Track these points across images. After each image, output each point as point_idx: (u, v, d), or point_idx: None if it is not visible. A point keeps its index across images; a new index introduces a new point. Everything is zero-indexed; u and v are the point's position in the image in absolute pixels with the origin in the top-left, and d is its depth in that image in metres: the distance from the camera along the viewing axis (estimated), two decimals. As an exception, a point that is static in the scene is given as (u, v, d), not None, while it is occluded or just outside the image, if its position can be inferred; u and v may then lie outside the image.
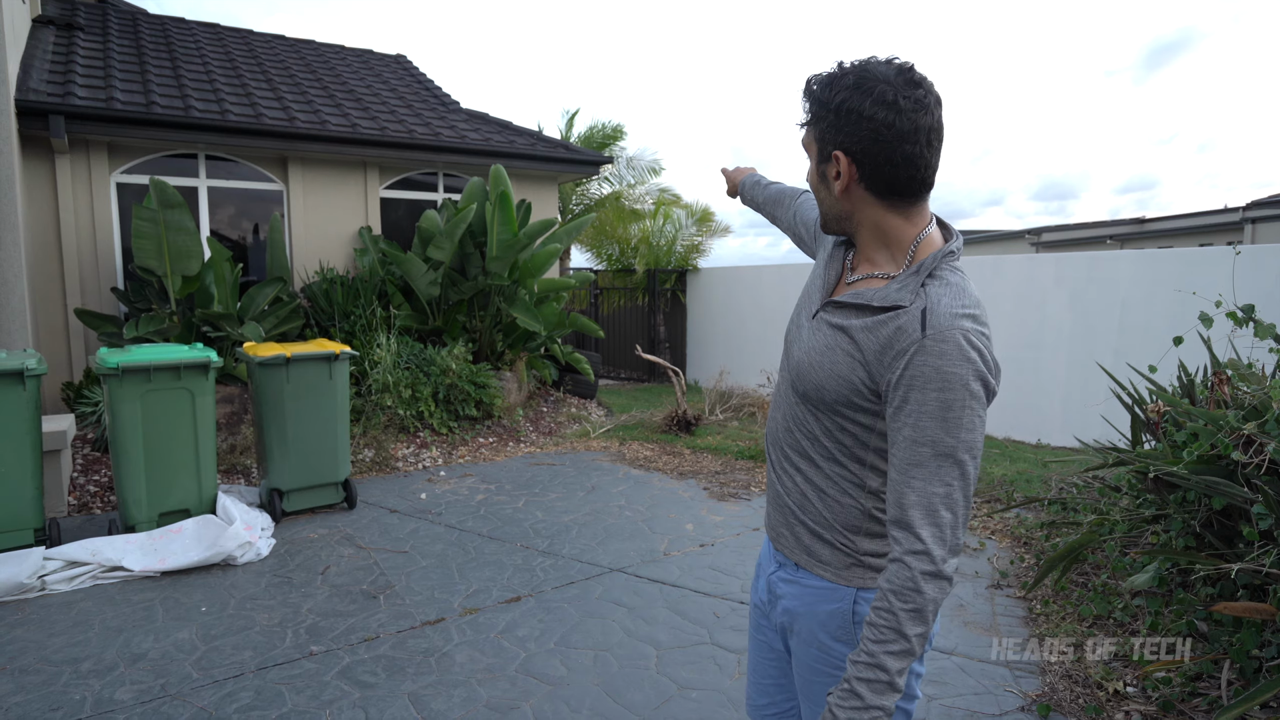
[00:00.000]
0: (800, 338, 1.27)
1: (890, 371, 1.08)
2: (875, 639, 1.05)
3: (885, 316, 1.11)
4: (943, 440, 1.03)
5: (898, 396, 1.07)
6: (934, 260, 1.13)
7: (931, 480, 1.04)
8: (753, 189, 1.85)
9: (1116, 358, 6.08)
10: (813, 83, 1.18)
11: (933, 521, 1.04)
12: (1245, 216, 19.26)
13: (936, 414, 1.03)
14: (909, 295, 1.10)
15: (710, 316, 11.34)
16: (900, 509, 1.06)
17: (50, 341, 6.36)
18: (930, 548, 1.03)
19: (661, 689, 2.77)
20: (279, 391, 4.47)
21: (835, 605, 1.23)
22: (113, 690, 2.69)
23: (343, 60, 10.22)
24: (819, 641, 1.25)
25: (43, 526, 3.86)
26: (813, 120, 1.18)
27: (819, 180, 1.22)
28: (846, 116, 1.11)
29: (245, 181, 7.37)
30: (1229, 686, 2.45)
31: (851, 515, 1.21)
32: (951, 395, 1.03)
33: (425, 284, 7.10)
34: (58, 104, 5.89)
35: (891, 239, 1.18)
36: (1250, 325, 3.10)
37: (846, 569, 1.22)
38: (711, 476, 5.70)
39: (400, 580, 3.70)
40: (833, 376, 1.16)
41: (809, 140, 1.22)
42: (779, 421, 1.32)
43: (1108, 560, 3.48)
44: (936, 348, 1.04)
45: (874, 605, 1.07)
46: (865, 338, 1.12)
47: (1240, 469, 2.60)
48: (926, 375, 1.04)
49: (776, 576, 1.34)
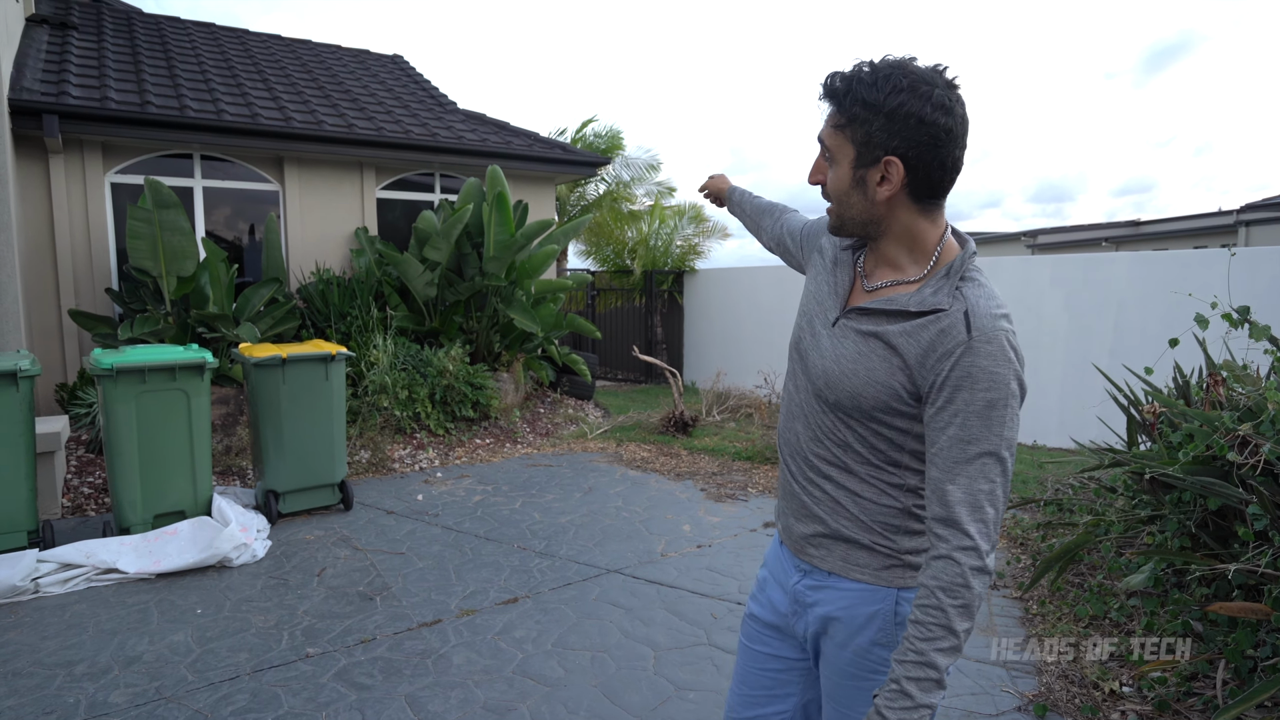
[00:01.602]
0: (820, 347, 1.24)
1: (934, 374, 1.09)
2: (924, 637, 1.06)
3: (925, 320, 1.11)
4: (987, 438, 1.06)
5: (942, 397, 1.08)
6: (962, 263, 1.14)
7: (977, 478, 1.07)
8: (743, 199, 1.84)
9: (1112, 359, 6.09)
10: (852, 80, 1.12)
11: (979, 517, 1.07)
12: (1240, 219, 19.33)
13: (982, 413, 1.06)
14: (946, 298, 1.11)
15: (707, 318, 11.34)
16: (945, 506, 1.08)
17: (44, 342, 6.33)
18: (978, 543, 1.06)
19: (659, 690, 2.77)
20: (275, 393, 4.46)
21: (876, 607, 1.22)
22: (107, 693, 2.68)
23: (339, 60, 10.20)
24: (856, 645, 1.23)
25: (36, 529, 3.84)
26: (853, 121, 1.12)
27: (851, 184, 1.16)
28: (904, 120, 1.08)
29: (241, 182, 7.35)
30: (1224, 686, 2.45)
31: (891, 515, 1.21)
32: (995, 394, 1.06)
33: (422, 285, 7.09)
34: (52, 103, 5.86)
35: (918, 242, 1.17)
36: (1245, 327, 3.11)
37: (885, 570, 1.22)
38: (709, 478, 5.70)
39: (397, 582, 3.69)
40: (870, 383, 1.15)
41: (840, 142, 1.16)
42: (800, 433, 1.29)
43: (1104, 561, 3.48)
44: (983, 348, 1.06)
45: (919, 603, 1.08)
46: (905, 342, 1.12)
47: (1235, 470, 2.61)
48: (973, 375, 1.06)
49: (803, 585, 1.30)
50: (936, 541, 1.09)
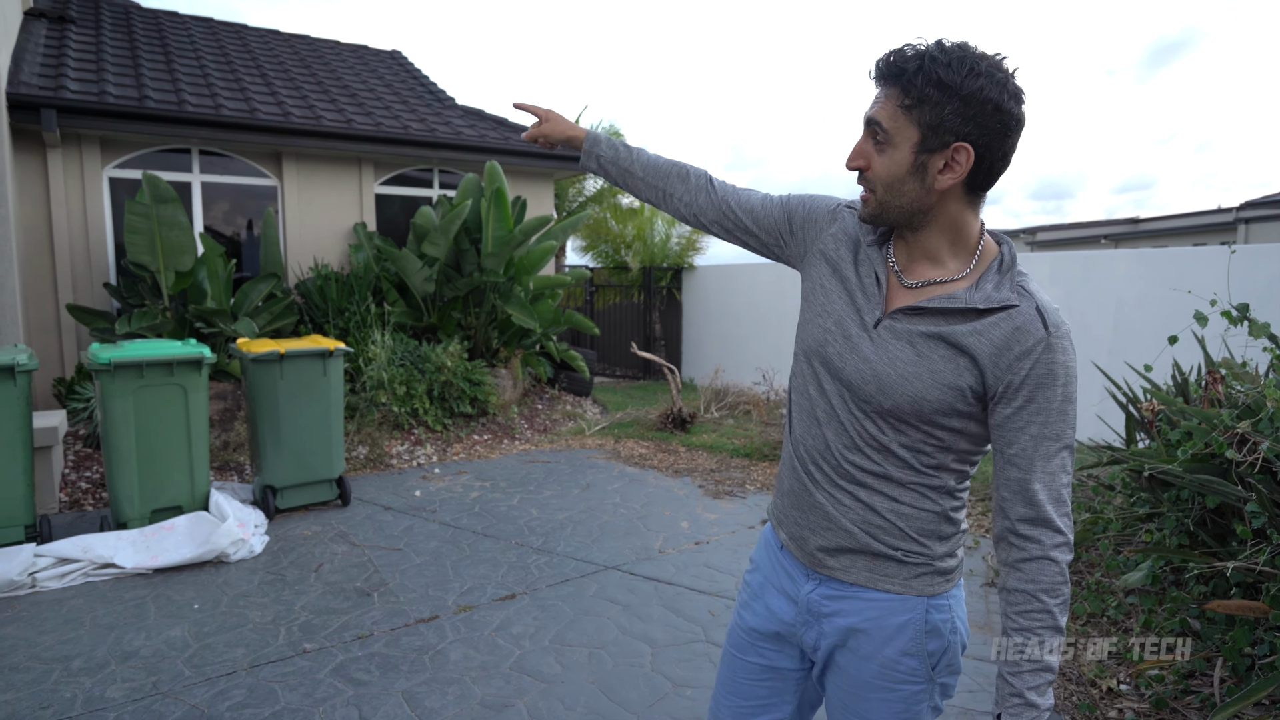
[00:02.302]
0: (860, 352, 1.16)
1: (1013, 373, 1.06)
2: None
3: (996, 318, 1.07)
4: (1065, 433, 1.07)
5: (1021, 395, 1.07)
6: (1013, 258, 1.12)
7: (1057, 472, 1.08)
8: (622, 156, 1.47)
9: (1111, 357, 6.09)
10: (924, 59, 1.04)
11: (1063, 511, 1.08)
12: (1239, 217, 19.33)
13: (1061, 408, 1.07)
14: (1012, 294, 1.08)
15: (706, 314, 11.33)
16: (1033, 505, 1.07)
17: (42, 337, 6.31)
18: (1069, 536, 1.08)
19: (656, 687, 2.77)
20: (273, 388, 4.45)
21: (907, 616, 1.18)
22: (104, 688, 2.68)
23: (338, 56, 10.17)
24: (883, 657, 1.19)
25: (34, 523, 3.84)
26: (922, 101, 1.04)
27: (910, 170, 1.08)
28: (981, 106, 1.03)
29: (239, 177, 7.33)
30: (1222, 684, 2.45)
31: (928, 520, 1.17)
32: (1071, 389, 1.07)
33: (420, 280, 7.08)
34: (49, 97, 5.84)
35: (963, 236, 1.13)
36: (1244, 324, 3.10)
37: (916, 578, 1.18)
38: (707, 474, 5.70)
39: (394, 577, 3.68)
40: (935, 385, 1.09)
41: (902, 125, 1.07)
42: (830, 440, 1.21)
43: (1102, 558, 3.48)
44: (1060, 344, 1.06)
45: (1021, 610, 1.07)
46: (975, 342, 1.08)
47: (1234, 467, 2.61)
48: (1055, 372, 1.06)
49: (818, 594, 1.24)
50: (1026, 543, 1.07)
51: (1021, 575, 1.07)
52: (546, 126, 1.53)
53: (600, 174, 1.52)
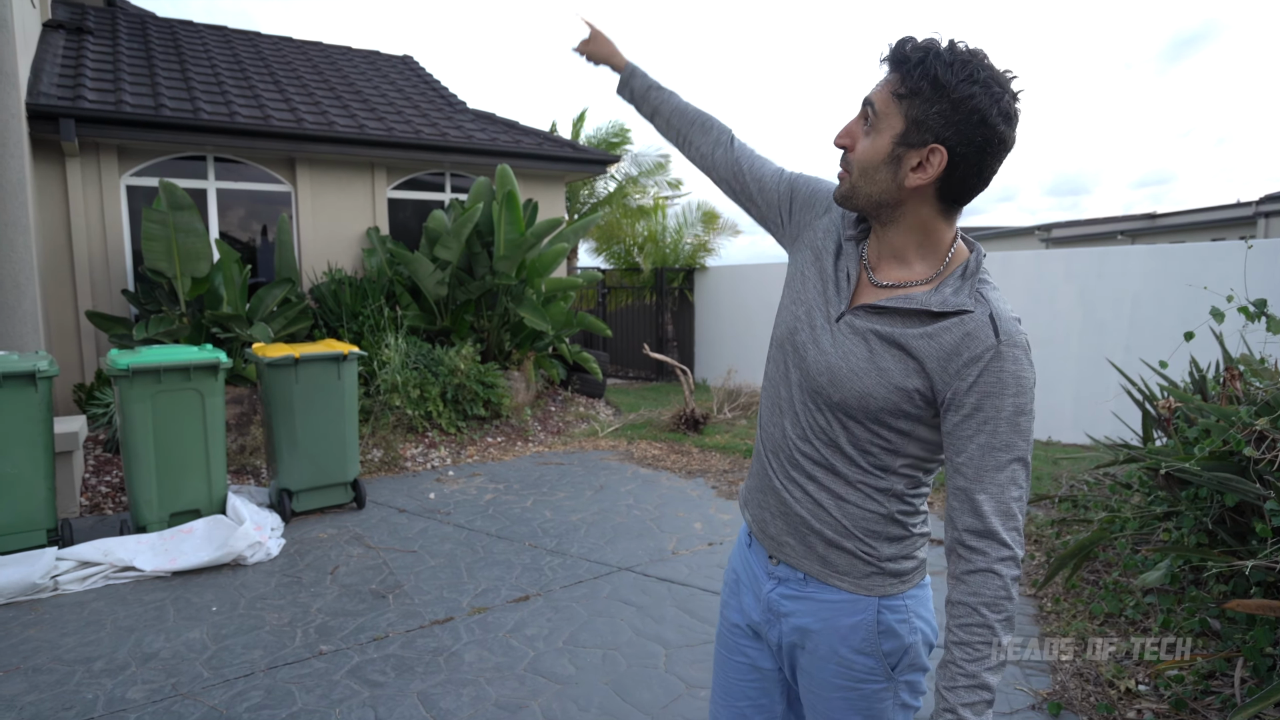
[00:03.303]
0: (819, 343, 1.17)
1: (960, 379, 1.05)
2: (973, 658, 1.04)
3: (949, 322, 1.07)
4: (1016, 444, 1.05)
5: (969, 403, 1.05)
6: (978, 264, 1.11)
7: (1007, 485, 1.05)
8: (654, 93, 1.53)
9: (1127, 354, 6.03)
10: (928, 53, 1.03)
11: (1012, 525, 1.05)
12: (1259, 210, 19.07)
13: (1011, 419, 1.04)
14: (969, 299, 1.07)
15: (718, 315, 11.32)
16: (979, 517, 1.05)
17: (62, 343, 6.41)
18: (1015, 551, 1.05)
19: (670, 688, 2.77)
20: (288, 392, 4.49)
21: (858, 617, 1.18)
22: (124, 689, 2.71)
23: (350, 62, 10.25)
24: (839, 656, 1.19)
25: (55, 527, 3.89)
26: (914, 94, 1.03)
27: (885, 160, 1.07)
28: (968, 115, 1.01)
29: (253, 183, 7.40)
30: (1242, 685, 2.42)
31: (874, 521, 1.16)
32: (1023, 400, 1.05)
33: (433, 284, 7.12)
34: (68, 107, 5.93)
35: (931, 241, 1.12)
36: (1263, 320, 3.07)
37: (866, 578, 1.18)
38: (720, 475, 5.69)
39: (409, 579, 3.71)
40: (882, 385, 1.09)
41: (891, 112, 1.06)
42: (785, 430, 1.22)
43: (1119, 558, 3.45)
44: (1011, 353, 1.04)
45: (961, 623, 1.06)
46: (924, 345, 1.07)
47: (1253, 465, 2.58)
48: (1004, 381, 1.04)
49: (777, 594, 1.26)
50: (971, 555, 1.06)
51: (965, 588, 1.06)
52: (593, 45, 1.59)
53: (630, 104, 1.57)
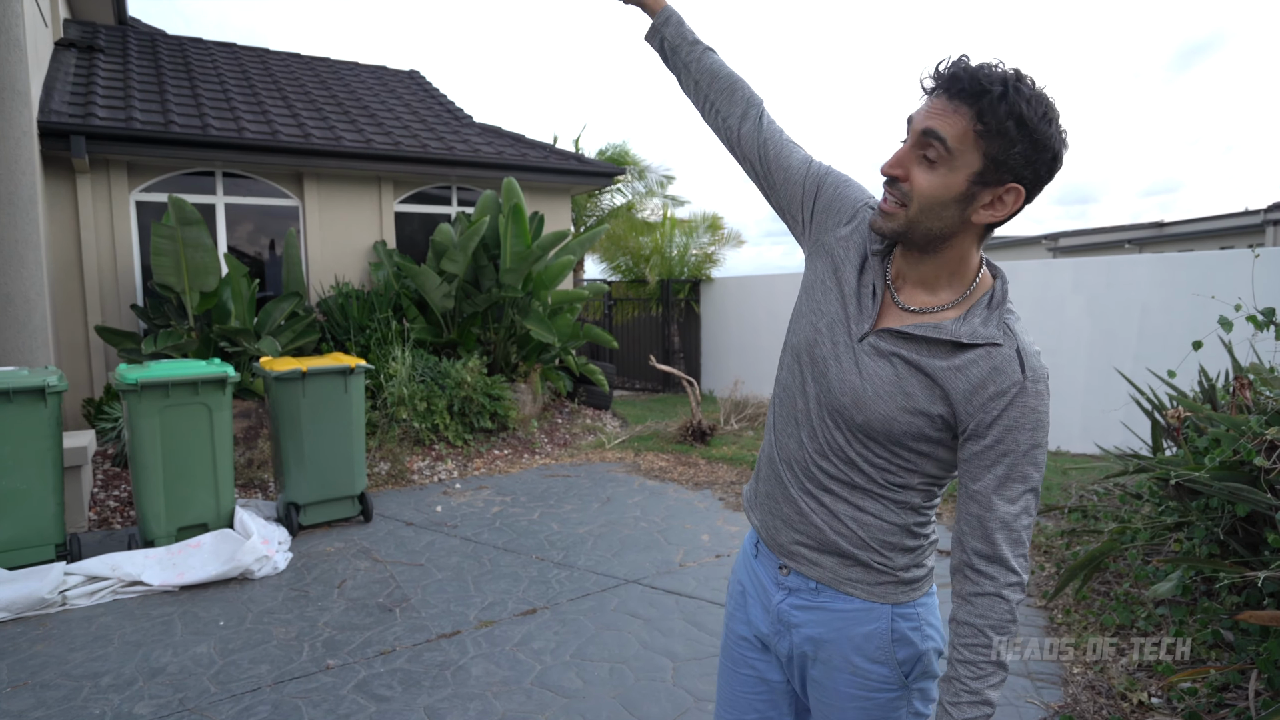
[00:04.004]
0: (841, 361, 1.15)
1: (984, 413, 1.06)
2: (976, 676, 1.07)
3: (976, 354, 1.06)
4: (1031, 476, 1.06)
5: (991, 435, 1.06)
6: (1004, 293, 1.11)
7: (1020, 514, 1.07)
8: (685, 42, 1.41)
9: (1136, 363, 6.00)
10: (1009, 87, 0.97)
11: (1020, 551, 1.07)
12: (1267, 219, 18.99)
13: (1029, 452, 1.06)
14: (997, 331, 1.06)
15: (724, 326, 11.32)
16: (990, 544, 1.07)
17: (71, 358, 6.45)
18: (1022, 576, 1.07)
19: (678, 701, 2.75)
20: (295, 406, 4.51)
21: (871, 626, 1.18)
22: (132, 705, 2.71)
23: (357, 77, 10.35)
24: (852, 665, 1.20)
25: (64, 542, 3.91)
26: (998, 133, 0.98)
27: (957, 197, 1.03)
28: (1044, 154, 0.99)
29: (261, 198, 7.46)
30: (1257, 697, 2.39)
31: (890, 533, 1.17)
32: (1041, 434, 1.06)
33: (439, 297, 7.15)
34: (79, 125, 6.00)
35: (964, 268, 1.11)
36: (1271, 329, 3.05)
37: (880, 585, 1.18)
38: (727, 487, 5.67)
39: (416, 593, 3.70)
40: (907, 409, 1.09)
41: (968, 149, 1.00)
42: (802, 442, 1.20)
43: (1130, 569, 3.42)
44: (1034, 389, 1.05)
45: (966, 642, 1.07)
46: (951, 378, 1.07)
47: (1264, 475, 2.56)
48: (1026, 417, 1.05)
49: (787, 604, 1.25)
50: (979, 579, 1.07)
51: (972, 609, 1.08)
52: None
53: (660, 55, 1.46)
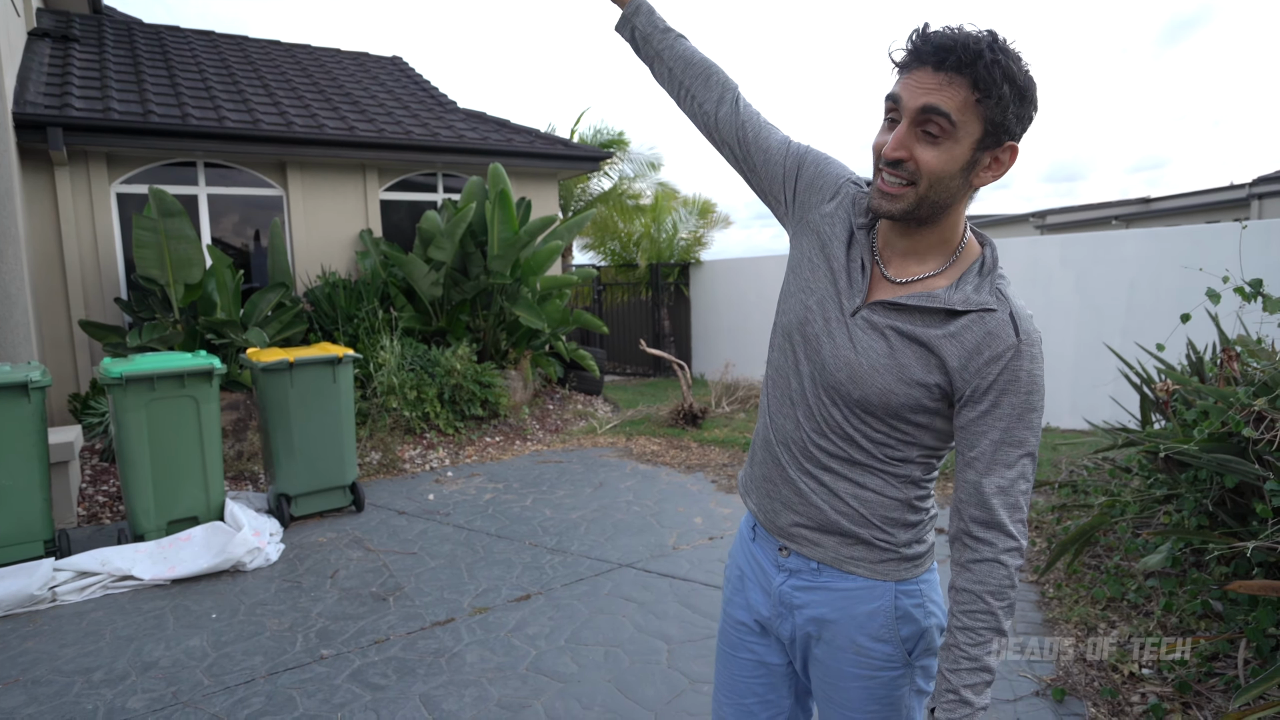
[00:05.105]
0: (834, 337, 1.14)
1: (980, 377, 1.06)
2: (976, 643, 1.06)
3: (969, 319, 1.06)
4: (1028, 440, 1.06)
5: (987, 400, 1.06)
6: (995, 260, 1.10)
7: (1016, 479, 1.07)
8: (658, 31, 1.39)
9: (1124, 338, 6.03)
10: (988, 48, 0.96)
11: (1018, 517, 1.07)
12: (1252, 192, 19.07)
13: (1024, 416, 1.06)
14: (990, 297, 1.06)
15: (714, 309, 11.31)
16: (987, 509, 1.07)
17: (55, 354, 6.38)
18: (1020, 541, 1.07)
19: (673, 683, 2.76)
20: (284, 397, 4.47)
21: (875, 604, 1.18)
22: (125, 699, 2.70)
23: (339, 63, 10.21)
24: (856, 645, 1.19)
25: (52, 538, 3.87)
26: (996, 98, 0.97)
27: (963, 166, 1.02)
28: (1030, 106, 1.00)
29: (244, 188, 7.37)
30: (1246, 666, 2.42)
31: (891, 509, 1.16)
32: (1035, 398, 1.06)
33: (427, 285, 7.10)
34: (55, 116, 5.89)
35: (951, 234, 1.11)
36: (1258, 300, 3.06)
37: (882, 563, 1.18)
38: (719, 469, 5.68)
39: (409, 581, 3.70)
40: (903, 381, 1.08)
41: (970, 118, 0.99)
42: (799, 421, 1.20)
43: (1120, 542, 3.45)
44: (1029, 351, 1.05)
45: (965, 609, 1.07)
46: (947, 345, 1.07)
47: (1252, 446, 2.57)
48: (1020, 380, 1.05)
49: (789, 586, 1.24)
50: (978, 545, 1.07)
51: (971, 576, 1.07)
52: None
53: (631, 45, 1.44)
